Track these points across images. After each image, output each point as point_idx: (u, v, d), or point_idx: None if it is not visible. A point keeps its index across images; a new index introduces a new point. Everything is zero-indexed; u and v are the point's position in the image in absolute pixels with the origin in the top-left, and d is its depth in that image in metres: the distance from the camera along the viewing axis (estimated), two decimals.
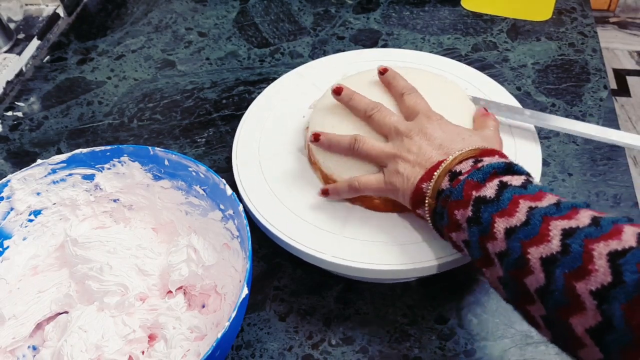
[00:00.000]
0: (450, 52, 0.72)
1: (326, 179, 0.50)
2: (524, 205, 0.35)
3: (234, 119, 0.58)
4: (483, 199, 0.37)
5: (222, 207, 0.48)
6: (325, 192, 0.49)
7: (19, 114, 0.71)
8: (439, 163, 0.41)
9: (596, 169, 0.58)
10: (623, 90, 1.83)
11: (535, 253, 0.33)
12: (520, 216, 0.35)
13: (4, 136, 0.68)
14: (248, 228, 0.43)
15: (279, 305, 0.50)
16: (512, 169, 0.40)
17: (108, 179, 0.51)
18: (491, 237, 0.36)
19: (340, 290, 0.51)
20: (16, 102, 0.72)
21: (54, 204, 0.51)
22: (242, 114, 0.58)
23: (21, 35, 0.78)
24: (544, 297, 0.33)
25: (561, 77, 0.68)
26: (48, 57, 0.78)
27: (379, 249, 0.45)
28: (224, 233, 0.48)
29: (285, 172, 0.52)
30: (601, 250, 0.30)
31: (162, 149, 0.49)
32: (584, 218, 0.33)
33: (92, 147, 0.50)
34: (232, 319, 0.38)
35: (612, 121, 0.62)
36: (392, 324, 0.48)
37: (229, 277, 0.47)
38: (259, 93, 0.61)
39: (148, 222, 0.53)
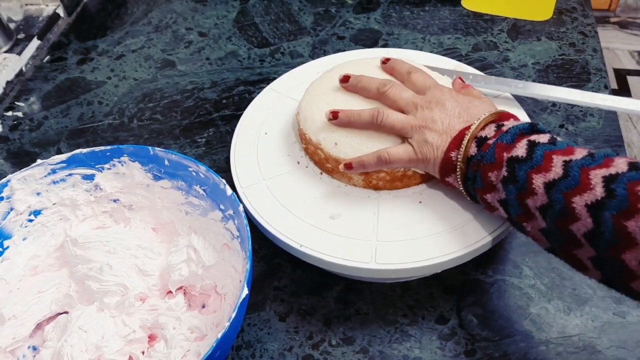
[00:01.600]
0: (450, 52, 0.72)
1: (322, 162, 0.50)
2: (558, 160, 0.38)
3: (234, 119, 0.58)
4: (516, 158, 0.39)
5: (222, 207, 0.48)
6: (349, 166, 0.48)
7: (19, 114, 0.71)
8: (464, 130, 0.43)
9: None
10: (623, 90, 1.83)
11: (580, 201, 0.35)
12: (557, 170, 0.37)
13: (4, 136, 0.68)
14: (248, 228, 0.43)
15: (279, 305, 0.50)
16: (536, 128, 0.42)
17: (108, 179, 0.51)
18: (530, 192, 0.38)
19: (340, 290, 0.50)
20: (16, 102, 0.72)
21: (54, 204, 0.51)
22: (242, 114, 0.58)
23: (21, 35, 0.78)
24: (593, 239, 0.35)
25: (562, 77, 0.68)
26: (48, 57, 0.78)
27: (378, 249, 0.45)
28: (224, 233, 0.48)
29: (284, 172, 0.52)
30: None
31: (162, 149, 0.49)
32: (621, 165, 0.36)
33: (92, 147, 0.50)
34: (232, 319, 0.38)
35: (612, 121, 0.62)
36: (393, 324, 0.48)
37: (229, 277, 0.47)
38: (259, 93, 0.61)
39: (148, 222, 0.53)
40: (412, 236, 0.46)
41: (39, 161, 0.49)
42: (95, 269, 0.47)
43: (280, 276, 0.52)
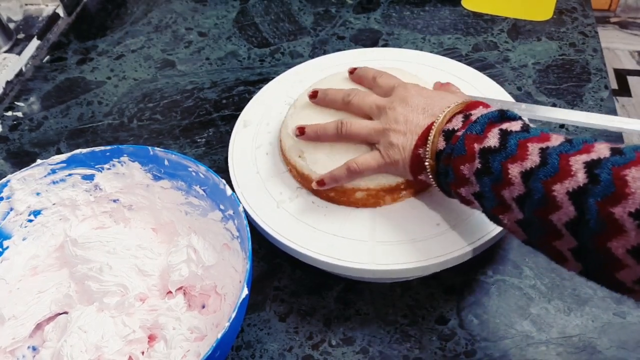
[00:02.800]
0: (450, 52, 0.72)
1: (304, 179, 0.50)
2: (533, 148, 0.36)
3: (234, 119, 0.58)
4: (488, 149, 0.38)
5: (222, 207, 0.47)
6: (321, 183, 0.47)
7: (19, 114, 0.71)
8: (430, 126, 0.42)
9: None
10: (624, 90, 1.83)
11: (561, 189, 0.34)
12: (533, 158, 0.36)
13: (4, 136, 0.68)
14: (248, 229, 0.43)
15: (279, 305, 0.50)
16: (505, 115, 0.40)
17: (108, 179, 0.51)
18: (506, 183, 0.37)
19: (340, 290, 0.50)
20: (16, 102, 0.72)
21: (54, 204, 0.51)
22: (241, 113, 0.58)
23: (21, 35, 0.78)
24: (576, 229, 0.33)
25: (562, 77, 0.68)
26: (48, 57, 0.78)
27: (378, 249, 0.45)
28: (224, 233, 0.48)
29: (283, 172, 0.52)
30: (634, 174, 0.31)
31: (161, 149, 0.49)
32: (602, 150, 0.34)
33: (92, 147, 0.50)
34: (232, 319, 0.38)
35: None
36: (393, 324, 0.48)
37: (229, 277, 0.47)
38: (258, 93, 0.61)
39: (148, 222, 0.53)
40: (416, 239, 0.46)
41: (38, 161, 0.49)
42: (95, 269, 0.47)
43: (280, 276, 0.52)
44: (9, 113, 0.71)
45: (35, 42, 0.78)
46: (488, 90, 0.57)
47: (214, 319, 0.46)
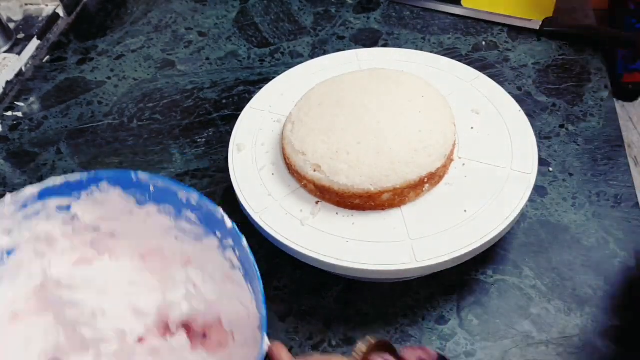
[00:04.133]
0: (450, 52, 0.72)
1: (325, 191, 0.49)
2: None
3: (234, 119, 0.58)
4: None
5: (218, 234, 0.43)
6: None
7: (19, 114, 0.71)
8: None
9: (597, 169, 0.58)
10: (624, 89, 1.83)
11: None
12: None
13: (4, 136, 0.68)
14: (255, 266, 0.39)
15: (278, 305, 0.50)
16: None
17: (86, 207, 0.46)
18: None
19: (340, 290, 0.50)
20: (16, 102, 0.72)
21: (28, 241, 0.45)
22: (241, 114, 0.58)
23: (21, 35, 0.78)
24: None
25: (562, 77, 0.68)
26: (48, 57, 0.78)
27: (378, 249, 0.45)
28: (222, 262, 0.44)
29: (296, 189, 0.51)
30: None
31: (146, 173, 0.44)
32: None
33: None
34: None
35: (612, 121, 0.62)
36: (393, 324, 0.48)
37: (235, 312, 0.43)
38: (258, 93, 0.61)
39: (134, 249, 0.47)
40: (416, 239, 0.46)
41: (7, 196, 0.43)
42: (87, 314, 0.42)
43: (280, 276, 0.52)
44: (9, 113, 0.71)
45: (35, 42, 0.78)
46: (488, 90, 0.57)
47: (223, 357, 0.42)
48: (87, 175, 0.45)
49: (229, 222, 0.41)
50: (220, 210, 0.42)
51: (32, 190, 0.44)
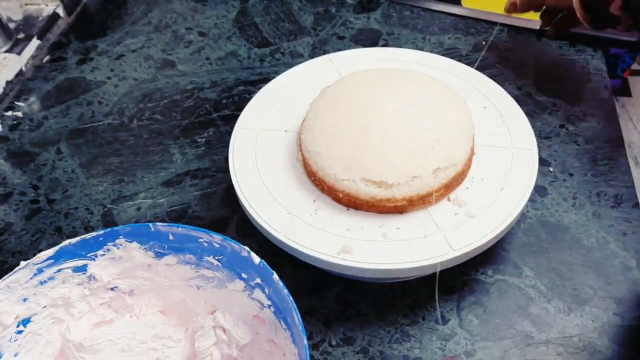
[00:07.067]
0: (450, 52, 0.72)
1: (323, 184, 0.49)
2: None
3: (234, 119, 0.58)
4: None
5: (244, 275, 0.42)
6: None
7: (19, 113, 0.71)
8: None
9: (597, 169, 0.58)
10: (624, 89, 1.83)
11: None
12: None
13: (4, 136, 0.68)
14: (291, 300, 0.37)
15: None
16: None
17: (103, 266, 0.44)
18: None
19: (340, 290, 0.50)
20: (16, 102, 0.72)
21: (44, 307, 0.43)
22: (241, 113, 0.58)
23: (21, 35, 0.78)
24: None
25: (562, 77, 0.68)
26: (48, 57, 0.78)
27: (379, 249, 0.45)
28: (250, 304, 0.42)
29: (282, 172, 0.52)
30: None
31: (165, 224, 0.42)
32: None
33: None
34: None
35: (612, 121, 0.62)
36: (393, 324, 0.48)
37: (268, 352, 0.42)
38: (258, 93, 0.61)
39: (155, 305, 0.46)
40: (416, 239, 0.46)
41: (22, 263, 0.41)
42: None
43: (280, 276, 0.51)
44: (9, 113, 0.71)
45: (35, 42, 0.78)
46: (488, 90, 0.57)
47: None
48: (104, 233, 0.43)
49: (256, 259, 0.40)
50: (246, 249, 0.41)
51: (47, 253, 0.42)
